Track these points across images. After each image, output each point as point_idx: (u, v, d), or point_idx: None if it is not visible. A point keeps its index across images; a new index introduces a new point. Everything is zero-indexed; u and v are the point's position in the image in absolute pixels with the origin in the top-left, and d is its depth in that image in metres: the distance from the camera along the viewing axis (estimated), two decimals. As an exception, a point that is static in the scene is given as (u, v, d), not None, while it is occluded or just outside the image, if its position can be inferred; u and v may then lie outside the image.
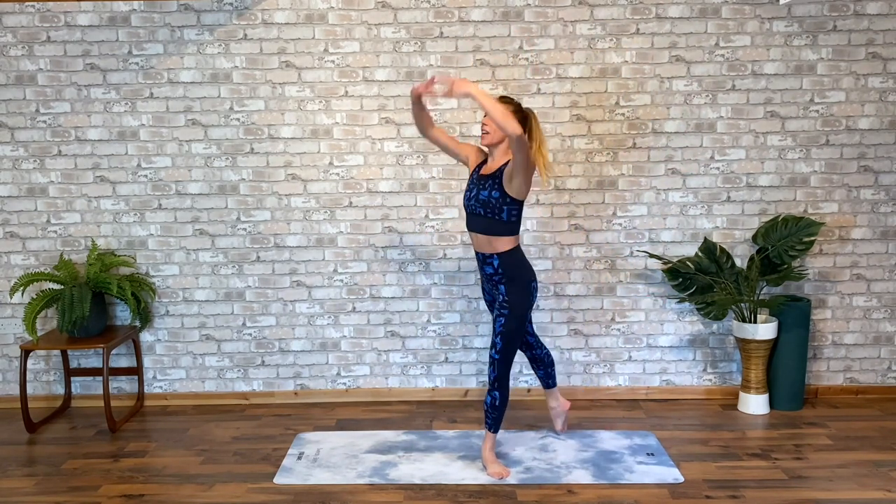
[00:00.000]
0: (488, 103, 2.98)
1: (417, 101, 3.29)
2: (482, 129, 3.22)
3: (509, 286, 3.26)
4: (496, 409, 3.31)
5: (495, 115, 2.96)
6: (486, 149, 3.33)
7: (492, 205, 3.19)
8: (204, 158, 4.16)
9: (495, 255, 3.26)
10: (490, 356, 3.28)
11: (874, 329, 4.26)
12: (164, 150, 4.15)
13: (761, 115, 4.10)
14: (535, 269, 4.14)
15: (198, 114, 4.13)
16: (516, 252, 3.29)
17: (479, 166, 3.35)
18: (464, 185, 4.15)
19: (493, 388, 3.29)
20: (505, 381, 3.27)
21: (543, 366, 3.65)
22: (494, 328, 3.27)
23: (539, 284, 4.20)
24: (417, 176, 4.17)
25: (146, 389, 4.35)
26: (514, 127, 2.95)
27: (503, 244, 3.25)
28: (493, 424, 3.34)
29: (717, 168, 4.15)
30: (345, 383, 4.35)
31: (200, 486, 3.28)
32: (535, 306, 3.87)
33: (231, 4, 4.04)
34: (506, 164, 3.21)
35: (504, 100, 3.19)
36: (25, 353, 3.91)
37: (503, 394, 3.29)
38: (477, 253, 3.36)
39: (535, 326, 3.65)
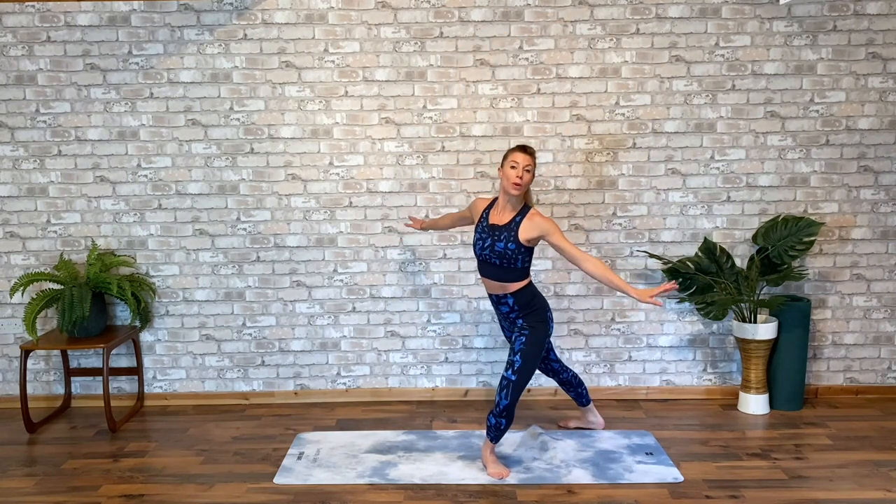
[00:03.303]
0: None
1: (425, 228, 3.77)
2: (518, 178, 3.19)
3: (527, 317, 3.30)
4: (500, 430, 3.30)
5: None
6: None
7: (508, 256, 3.23)
8: (204, 158, 4.16)
9: (509, 295, 3.30)
10: (504, 377, 3.22)
11: (874, 329, 4.26)
12: (164, 150, 4.16)
13: (761, 115, 4.10)
14: (535, 269, 4.16)
15: (198, 114, 4.13)
16: (529, 287, 3.33)
17: (485, 213, 3.36)
18: (464, 187, 4.15)
19: (501, 414, 3.25)
20: (513, 409, 3.25)
21: (573, 387, 3.70)
22: (513, 348, 3.27)
23: (539, 284, 4.20)
24: (417, 176, 4.17)
25: (146, 389, 4.35)
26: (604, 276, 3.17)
27: (517, 285, 3.30)
28: (495, 438, 3.34)
29: (717, 168, 4.15)
30: (345, 383, 4.35)
31: (200, 486, 3.28)
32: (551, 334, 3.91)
33: (231, 4, 4.04)
34: (519, 217, 3.23)
35: (527, 150, 3.24)
36: (25, 353, 3.91)
37: (509, 420, 3.28)
38: (490, 294, 3.40)
39: (556, 352, 3.68)
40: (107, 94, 4.11)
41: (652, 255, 4.13)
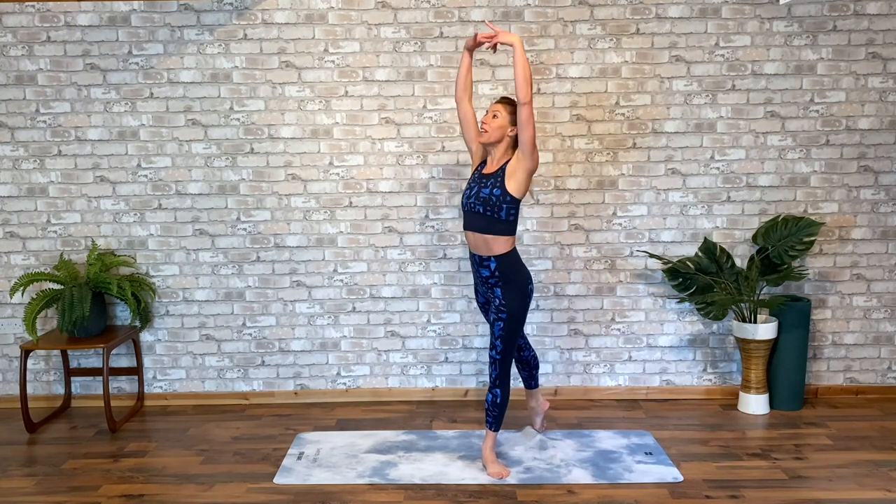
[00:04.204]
0: (523, 59, 3.08)
1: (468, 57, 3.37)
2: (481, 127, 3.25)
3: (506, 289, 3.26)
4: (497, 406, 3.32)
5: (525, 71, 3.07)
6: (486, 148, 3.34)
7: (492, 202, 3.19)
8: (204, 158, 4.16)
9: (492, 258, 3.26)
10: (490, 356, 3.30)
11: (874, 329, 4.26)
12: (164, 150, 4.16)
13: (761, 115, 4.10)
14: (535, 269, 4.16)
15: (198, 114, 4.13)
16: (513, 254, 3.29)
17: (480, 167, 3.37)
18: (463, 186, 4.15)
19: (494, 385, 3.30)
20: (506, 379, 3.29)
21: (529, 367, 3.68)
22: (493, 332, 3.28)
23: (539, 284, 4.20)
24: (417, 176, 4.17)
25: (146, 389, 4.35)
26: (528, 92, 3.07)
27: (500, 246, 3.25)
28: (494, 423, 3.35)
29: (717, 168, 4.15)
30: (345, 383, 4.35)
31: (200, 486, 3.28)
32: (531, 307, 3.89)
33: (231, 4, 4.04)
34: (506, 163, 3.23)
35: (505, 100, 3.27)
36: (25, 353, 3.91)
37: (504, 392, 3.30)
38: (473, 255, 3.35)
39: (527, 327, 3.66)
40: (107, 94, 4.11)
41: (652, 255, 4.13)
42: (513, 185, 3.18)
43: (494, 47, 3.25)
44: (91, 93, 4.11)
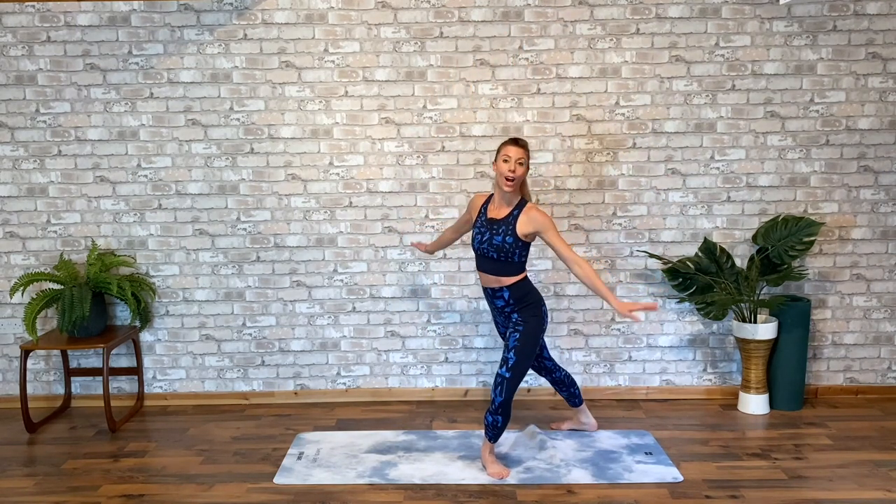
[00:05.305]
0: (603, 296, 3.23)
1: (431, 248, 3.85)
2: (511, 176, 3.22)
3: (521, 312, 3.31)
4: (498, 428, 3.30)
5: (594, 289, 3.24)
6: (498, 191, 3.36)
7: (506, 249, 3.25)
8: (204, 158, 4.16)
9: (504, 288, 3.31)
10: (499, 375, 3.23)
11: (874, 329, 4.26)
12: (164, 150, 4.16)
13: (761, 115, 4.10)
14: (535, 269, 4.16)
15: (198, 114, 4.13)
16: (525, 281, 3.34)
17: (483, 207, 3.39)
18: (464, 187, 4.15)
19: (497, 412, 3.26)
20: (509, 405, 3.26)
21: (566, 386, 3.68)
22: (508, 345, 3.27)
23: (539, 284, 4.20)
24: (417, 176, 4.17)
25: (146, 389, 4.35)
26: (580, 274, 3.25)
27: (513, 279, 3.31)
28: (494, 437, 3.34)
29: (717, 168, 4.15)
30: (345, 383, 4.35)
31: (200, 486, 3.28)
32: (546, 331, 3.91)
33: (231, 4, 4.04)
34: (517, 210, 3.27)
35: (519, 142, 3.28)
36: (25, 353, 3.91)
37: (506, 418, 3.28)
38: (485, 289, 3.40)
39: (548, 350, 3.68)
40: (107, 94, 4.11)
41: (652, 255, 4.13)
42: (523, 233, 3.25)
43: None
44: (91, 93, 4.11)
